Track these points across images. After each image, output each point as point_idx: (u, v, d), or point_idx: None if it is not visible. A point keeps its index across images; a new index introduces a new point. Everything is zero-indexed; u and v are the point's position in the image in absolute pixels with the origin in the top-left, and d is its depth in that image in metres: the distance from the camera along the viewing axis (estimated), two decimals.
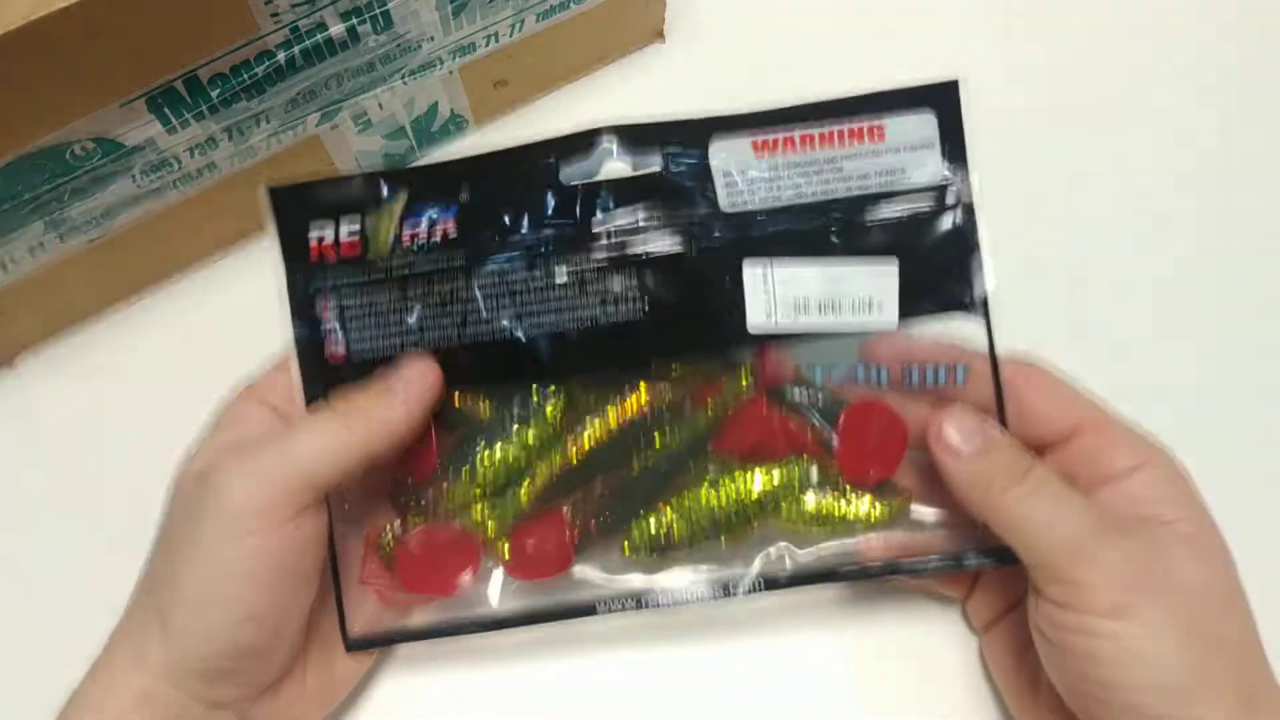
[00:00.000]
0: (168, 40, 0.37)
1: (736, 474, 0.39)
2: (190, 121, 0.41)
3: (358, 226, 0.38)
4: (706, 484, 0.39)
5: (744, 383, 0.39)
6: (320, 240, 0.38)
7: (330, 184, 0.38)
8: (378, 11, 0.42)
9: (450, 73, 0.48)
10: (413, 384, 0.37)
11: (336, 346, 0.38)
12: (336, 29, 0.41)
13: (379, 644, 0.41)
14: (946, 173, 0.37)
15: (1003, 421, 0.37)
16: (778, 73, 0.55)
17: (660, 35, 0.56)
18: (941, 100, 0.37)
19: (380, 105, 0.47)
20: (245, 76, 0.41)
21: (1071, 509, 0.34)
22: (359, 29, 0.42)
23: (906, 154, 0.37)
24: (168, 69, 0.38)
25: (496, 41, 0.48)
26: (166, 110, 0.40)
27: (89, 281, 0.47)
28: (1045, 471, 0.35)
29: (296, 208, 0.38)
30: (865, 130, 0.37)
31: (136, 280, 0.50)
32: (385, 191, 0.38)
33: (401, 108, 0.48)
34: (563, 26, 0.50)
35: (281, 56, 0.41)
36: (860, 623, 0.43)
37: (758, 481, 0.38)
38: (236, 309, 0.50)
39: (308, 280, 0.38)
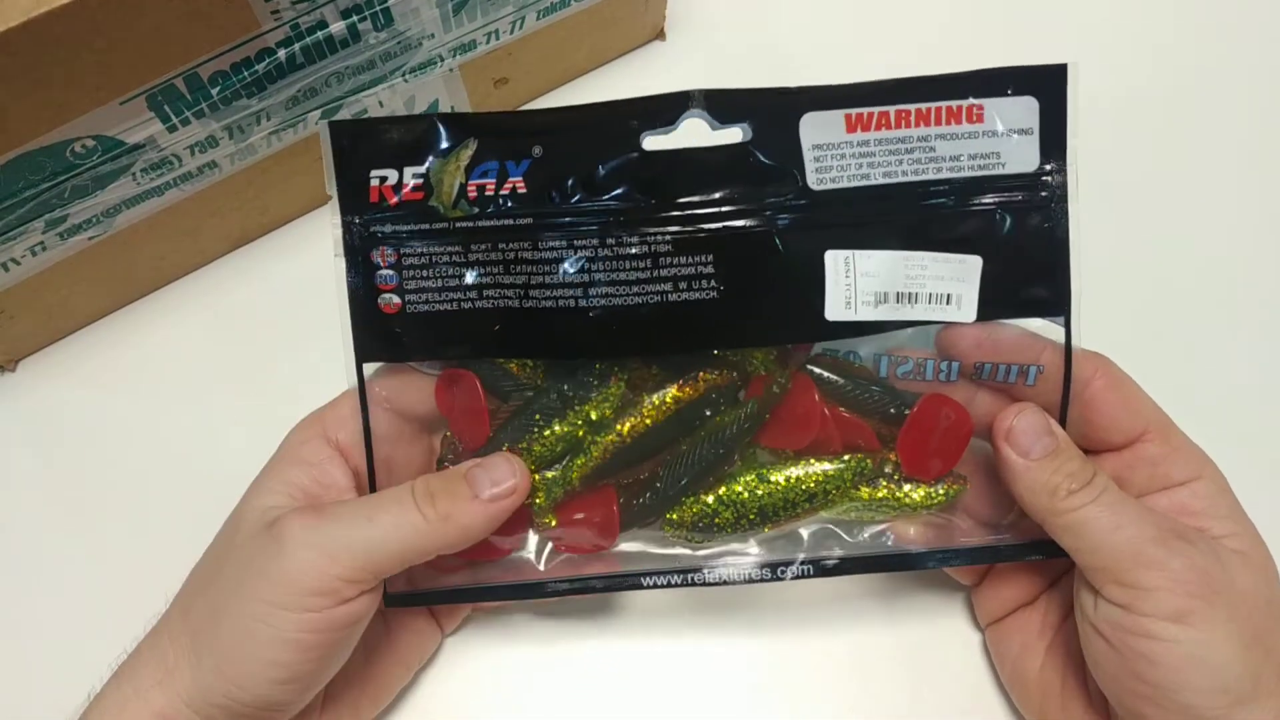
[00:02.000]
0: (168, 38, 0.37)
1: (788, 466, 0.38)
2: (191, 119, 0.41)
3: (423, 169, 0.35)
4: (755, 475, 0.38)
5: (790, 374, 0.37)
6: (382, 180, 0.36)
7: (394, 123, 0.36)
8: (378, 9, 0.42)
9: (451, 71, 0.48)
10: (499, 489, 0.35)
11: (391, 297, 0.36)
12: (337, 26, 0.41)
13: (418, 602, 0.40)
14: (1042, 162, 0.35)
15: (1062, 422, 0.37)
16: (778, 71, 0.55)
17: (661, 34, 0.56)
18: (1046, 86, 0.35)
19: (381, 103, 0.47)
20: (246, 74, 0.41)
21: (1134, 515, 0.34)
22: (359, 26, 0.42)
23: (1004, 139, 0.35)
24: (168, 66, 0.38)
25: (497, 39, 0.48)
26: (167, 108, 0.40)
27: (90, 282, 0.47)
28: (1106, 478, 0.35)
29: (357, 145, 0.36)
30: (964, 110, 0.35)
31: (137, 281, 0.50)
32: (453, 137, 0.35)
33: (402, 105, 0.48)
34: (563, 24, 0.50)
35: (282, 54, 0.41)
36: (861, 621, 0.43)
37: (809, 474, 0.38)
38: (239, 310, 0.50)
39: (365, 223, 0.36)
